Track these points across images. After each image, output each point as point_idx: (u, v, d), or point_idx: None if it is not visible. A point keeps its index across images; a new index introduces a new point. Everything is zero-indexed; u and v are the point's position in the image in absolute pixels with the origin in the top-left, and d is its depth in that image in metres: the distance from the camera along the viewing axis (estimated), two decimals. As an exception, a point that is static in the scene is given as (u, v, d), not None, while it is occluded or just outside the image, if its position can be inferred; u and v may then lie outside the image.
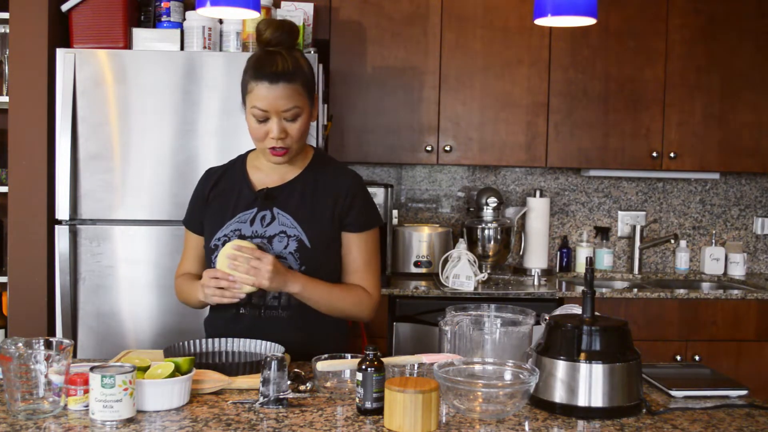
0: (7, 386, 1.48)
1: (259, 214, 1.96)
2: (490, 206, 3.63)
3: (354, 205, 1.98)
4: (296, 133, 1.90)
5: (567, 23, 2.01)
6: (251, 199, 1.98)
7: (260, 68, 1.86)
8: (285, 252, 1.92)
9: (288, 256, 1.91)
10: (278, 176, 2.00)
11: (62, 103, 2.89)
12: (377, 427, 1.47)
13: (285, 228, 1.94)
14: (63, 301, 2.90)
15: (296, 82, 1.87)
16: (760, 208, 4.02)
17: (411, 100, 3.53)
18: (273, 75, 1.85)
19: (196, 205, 2.07)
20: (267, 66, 1.86)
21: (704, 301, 3.33)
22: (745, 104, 3.63)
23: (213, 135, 2.93)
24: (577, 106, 3.57)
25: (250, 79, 1.88)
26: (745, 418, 1.58)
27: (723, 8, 3.59)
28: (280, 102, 1.85)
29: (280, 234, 1.93)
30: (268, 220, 1.95)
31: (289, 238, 1.92)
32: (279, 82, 1.85)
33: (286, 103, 1.86)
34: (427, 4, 3.50)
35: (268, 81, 1.85)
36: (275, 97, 1.85)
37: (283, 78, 1.85)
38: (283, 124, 1.87)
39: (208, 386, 1.64)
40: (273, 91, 1.85)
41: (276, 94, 1.85)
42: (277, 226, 1.94)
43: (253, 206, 1.97)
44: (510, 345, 1.81)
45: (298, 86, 1.87)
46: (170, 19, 3.13)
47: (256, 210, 1.96)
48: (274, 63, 1.86)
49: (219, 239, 1.96)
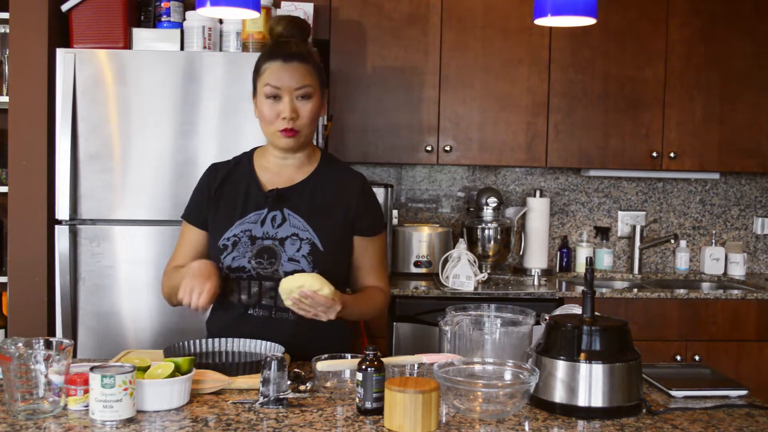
0: (7, 386, 1.48)
1: (269, 215, 1.95)
2: (490, 206, 3.63)
3: (367, 210, 2.00)
4: (307, 113, 1.91)
5: (567, 23, 2.01)
6: (261, 199, 1.97)
7: (274, 50, 1.92)
8: (298, 255, 1.91)
9: (301, 259, 1.91)
10: (287, 176, 2.00)
11: (62, 103, 2.89)
12: (377, 427, 1.47)
13: (297, 230, 1.93)
14: (63, 301, 2.90)
15: (309, 63, 1.92)
16: (760, 208, 4.02)
17: (411, 100, 3.53)
18: (287, 54, 1.90)
19: (200, 199, 2.03)
20: (282, 48, 1.92)
21: (704, 301, 3.33)
22: (745, 104, 3.63)
23: (213, 135, 2.93)
24: (577, 106, 3.57)
25: (263, 62, 1.93)
26: (745, 418, 1.58)
27: (723, 8, 3.59)
28: (293, 79, 1.89)
29: (293, 236, 1.93)
30: (279, 221, 1.94)
31: (302, 241, 1.92)
32: (293, 60, 1.90)
33: (299, 80, 1.89)
34: (427, 4, 3.50)
35: (282, 60, 1.89)
36: (289, 74, 1.89)
37: (297, 57, 1.90)
38: (294, 103, 1.90)
39: (208, 386, 1.64)
40: (287, 69, 1.89)
41: (290, 71, 1.89)
42: (289, 228, 1.94)
43: (263, 207, 1.96)
44: (510, 345, 1.81)
45: (311, 68, 1.92)
46: (170, 19, 3.13)
47: (267, 210, 1.96)
48: (288, 46, 1.92)
49: (228, 239, 1.95)
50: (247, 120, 2.94)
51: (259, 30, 3.05)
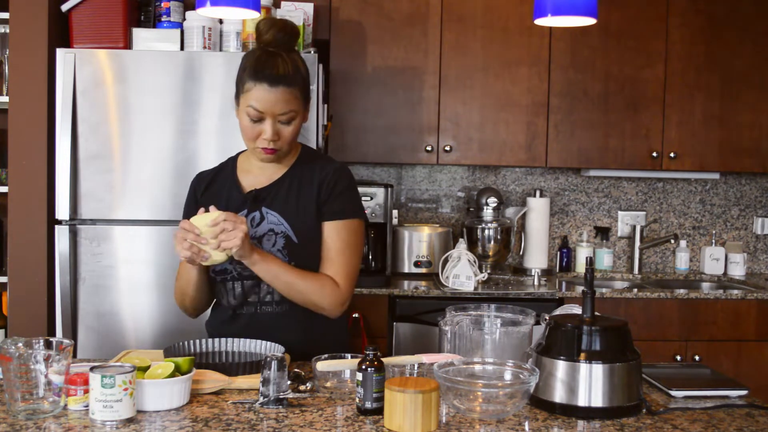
0: (7, 386, 1.48)
1: (249, 216, 1.95)
2: (490, 206, 3.63)
3: (333, 194, 1.95)
4: (289, 135, 1.90)
5: (567, 23, 2.01)
6: (240, 201, 1.97)
7: (260, 69, 1.84)
8: (273, 250, 1.92)
9: (276, 254, 1.91)
10: (267, 177, 2.00)
11: (62, 103, 2.88)
12: (377, 427, 1.47)
13: (273, 226, 1.94)
14: (63, 301, 2.90)
15: (295, 86, 1.86)
16: (760, 208, 4.02)
17: (411, 100, 3.53)
18: (273, 78, 1.83)
19: (189, 209, 2.04)
20: (268, 68, 1.84)
21: (704, 301, 3.33)
22: (745, 104, 3.63)
23: (213, 135, 2.93)
24: (577, 106, 3.57)
25: (248, 78, 1.86)
26: (745, 418, 1.58)
27: (723, 8, 3.59)
28: (277, 105, 1.85)
29: (269, 233, 1.93)
30: (258, 220, 1.95)
31: (277, 235, 1.93)
32: (279, 85, 1.84)
33: (283, 107, 1.85)
34: (427, 4, 3.50)
35: (268, 83, 1.83)
36: (274, 100, 1.84)
37: (283, 82, 1.84)
38: (277, 126, 1.87)
39: (208, 386, 1.64)
40: (272, 94, 1.84)
41: (275, 97, 1.84)
42: (266, 225, 1.94)
43: (242, 208, 1.96)
44: (510, 345, 1.81)
45: (296, 91, 1.87)
46: (170, 19, 3.13)
47: (246, 212, 1.96)
48: (275, 65, 1.84)
49: None
50: (247, 120, 2.94)
51: (259, 30, 3.05)
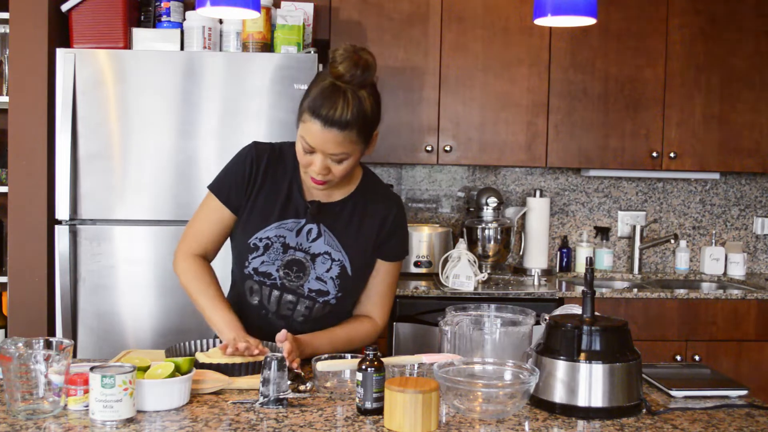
0: (7, 386, 1.48)
1: (306, 227, 1.91)
2: (490, 206, 3.63)
3: (395, 236, 1.97)
4: (339, 172, 1.82)
5: (567, 23, 2.01)
6: (302, 208, 1.91)
7: (319, 105, 1.74)
8: (326, 275, 1.90)
9: (328, 280, 1.91)
10: (328, 191, 1.93)
11: (62, 103, 2.89)
12: (377, 427, 1.47)
13: (330, 249, 1.91)
14: (63, 301, 2.90)
15: (351, 129, 1.76)
16: (760, 208, 4.02)
17: (411, 100, 3.53)
18: (328, 119, 1.73)
19: (239, 181, 1.91)
20: (326, 107, 1.74)
21: (704, 301, 3.33)
22: (745, 104, 3.62)
23: (213, 135, 2.93)
24: (577, 106, 3.57)
25: (306, 109, 1.77)
26: (745, 418, 1.58)
27: (723, 8, 3.59)
28: (328, 145, 1.76)
29: (325, 255, 1.90)
30: (315, 235, 1.91)
31: (333, 261, 1.91)
32: (333, 128, 1.74)
33: (334, 148, 1.77)
34: (427, 4, 3.50)
35: (321, 123, 1.74)
36: (325, 140, 1.75)
37: (337, 125, 1.74)
38: (327, 162, 1.79)
39: (208, 386, 1.64)
40: (324, 134, 1.75)
41: (326, 137, 1.75)
42: (323, 245, 1.91)
43: (301, 216, 1.91)
44: (510, 345, 1.81)
45: (353, 134, 1.77)
46: (170, 19, 3.13)
47: (305, 221, 1.91)
48: (334, 106, 1.74)
49: (260, 240, 1.90)
50: (247, 120, 2.94)
51: (259, 30, 3.05)
